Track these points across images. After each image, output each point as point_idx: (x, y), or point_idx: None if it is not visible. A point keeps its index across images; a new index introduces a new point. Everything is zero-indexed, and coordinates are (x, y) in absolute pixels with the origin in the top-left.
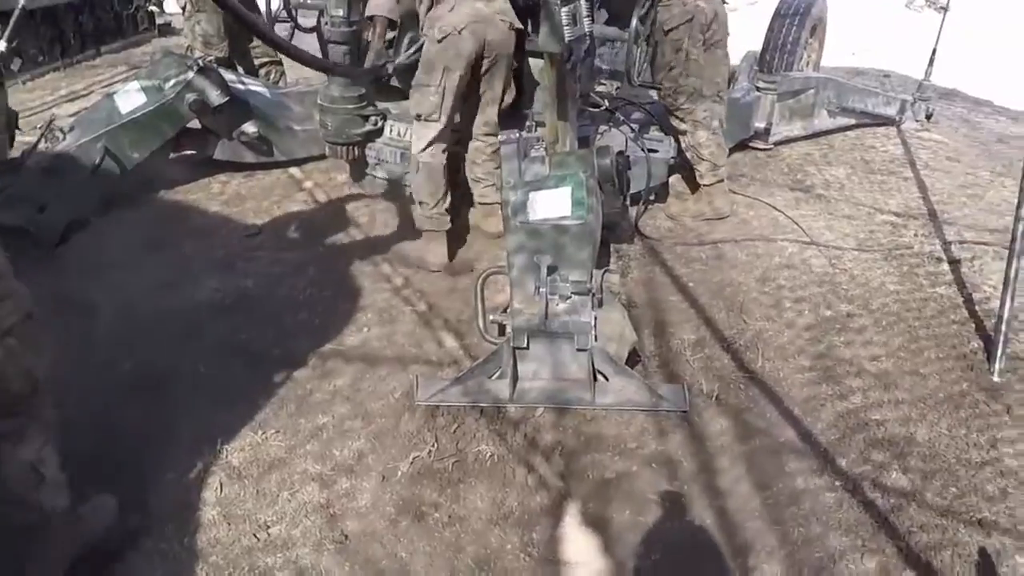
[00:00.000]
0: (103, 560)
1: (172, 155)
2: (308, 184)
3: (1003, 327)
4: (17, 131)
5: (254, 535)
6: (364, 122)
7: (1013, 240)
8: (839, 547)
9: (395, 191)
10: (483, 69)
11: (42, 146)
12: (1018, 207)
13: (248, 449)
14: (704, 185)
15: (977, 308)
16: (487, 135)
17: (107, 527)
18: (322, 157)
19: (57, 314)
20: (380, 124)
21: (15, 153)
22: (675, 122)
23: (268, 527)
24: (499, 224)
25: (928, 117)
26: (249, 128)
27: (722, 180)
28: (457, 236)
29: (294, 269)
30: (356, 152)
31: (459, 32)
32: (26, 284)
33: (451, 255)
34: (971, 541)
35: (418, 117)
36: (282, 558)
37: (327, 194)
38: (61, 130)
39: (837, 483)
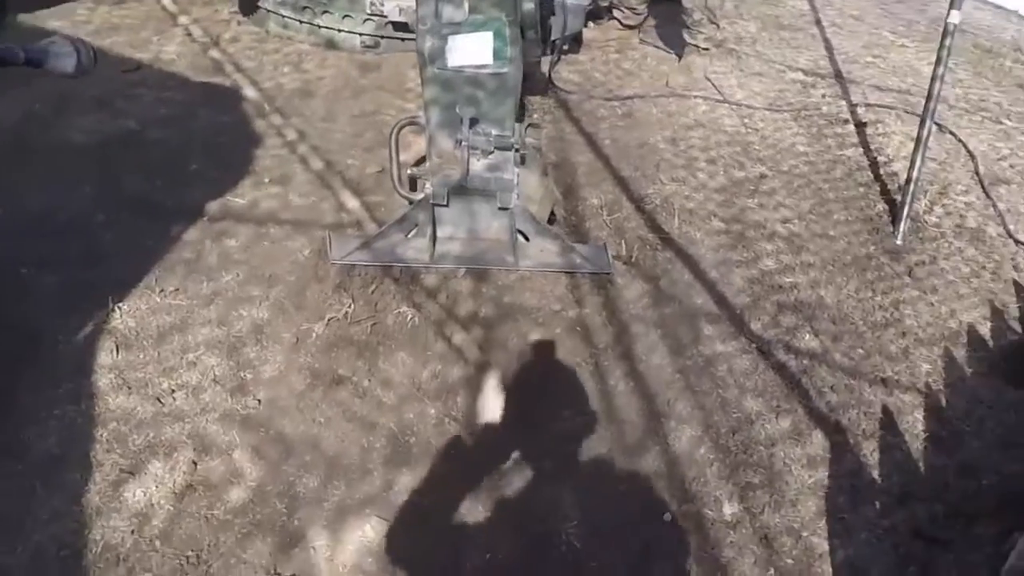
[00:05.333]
0: None
1: None
2: (185, 19)
3: (911, 188)
4: None
5: (157, 400)
6: None
7: (927, 111)
8: (754, 408)
9: (291, 31)
10: None
11: None
12: (935, 70)
13: (144, 309)
14: (701, 49)
15: (881, 171)
16: None
17: None
18: None
19: None
20: None
21: None
22: None
23: (172, 392)
24: None
25: None
26: None
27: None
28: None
29: (182, 112)
30: None
31: None
32: None
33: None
34: (875, 400)
35: None
36: (189, 426)
37: (210, 31)
38: None
39: (751, 347)
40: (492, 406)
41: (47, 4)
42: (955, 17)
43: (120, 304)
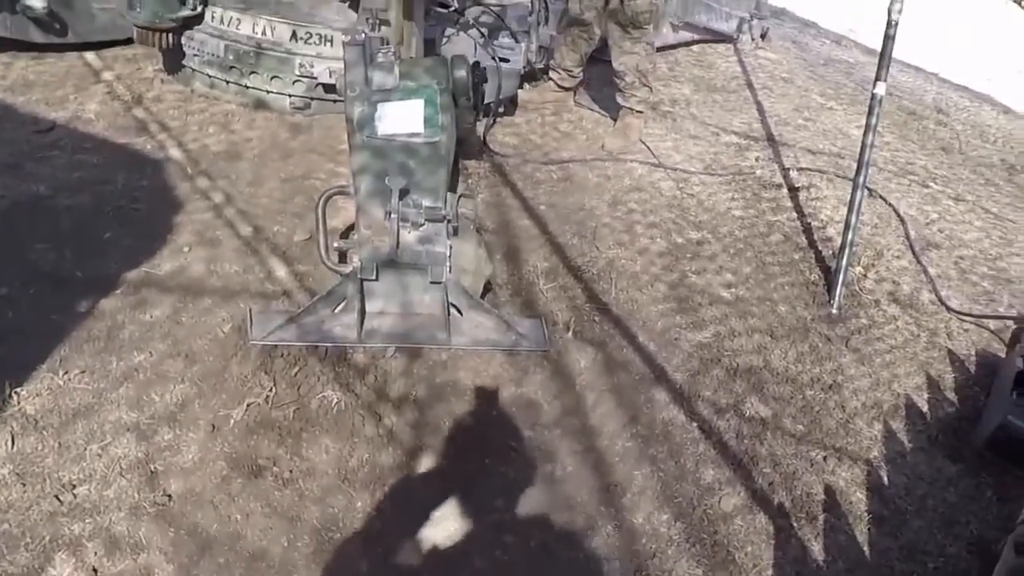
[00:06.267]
0: None
1: None
2: (108, 75)
3: (845, 255)
4: None
5: (56, 497)
6: (180, 5)
7: (858, 179)
8: (700, 488)
9: (218, 90)
10: None
11: None
12: (864, 138)
13: (46, 393)
14: (635, 112)
15: (815, 236)
16: None
17: None
18: (127, 42)
19: None
20: (200, 9)
21: None
22: (624, 43)
23: (74, 487)
24: None
25: (763, 36)
26: (36, 2)
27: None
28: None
29: (99, 175)
30: (171, 40)
31: None
32: None
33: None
34: (819, 477)
35: None
36: (91, 525)
37: (133, 89)
38: None
39: (696, 419)
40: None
41: None
42: (881, 88)
43: (19, 388)
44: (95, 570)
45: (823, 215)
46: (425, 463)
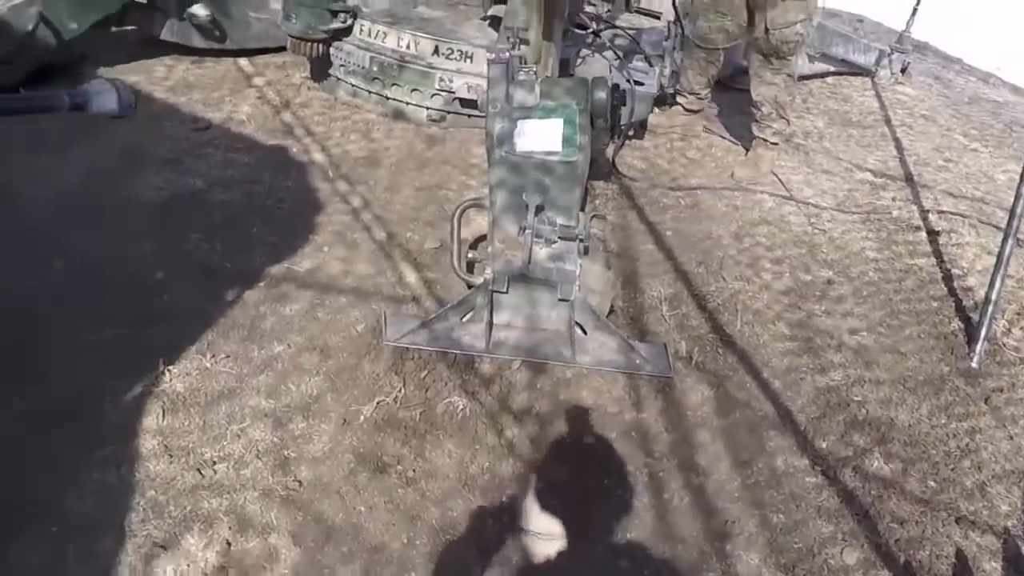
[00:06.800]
0: None
1: (113, 29)
2: (259, 81)
3: (989, 309)
4: None
5: (198, 471)
6: (332, 18)
7: (1010, 229)
8: (820, 537)
9: (360, 99)
10: None
11: None
12: (1020, 187)
13: (195, 374)
14: (769, 143)
15: (955, 284)
16: None
17: None
18: (278, 50)
19: None
20: (350, 22)
21: None
22: (765, 73)
23: (214, 464)
24: None
25: (903, 71)
26: (200, 10)
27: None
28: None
29: (248, 174)
30: (320, 50)
31: None
32: None
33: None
34: (949, 540)
35: None
36: (227, 501)
37: (282, 94)
38: None
39: (818, 466)
40: (538, 514)
41: (126, 60)
42: None
43: (170, 367)
44: (228, 544)
45: (964, 263)
46: (543, 477)
